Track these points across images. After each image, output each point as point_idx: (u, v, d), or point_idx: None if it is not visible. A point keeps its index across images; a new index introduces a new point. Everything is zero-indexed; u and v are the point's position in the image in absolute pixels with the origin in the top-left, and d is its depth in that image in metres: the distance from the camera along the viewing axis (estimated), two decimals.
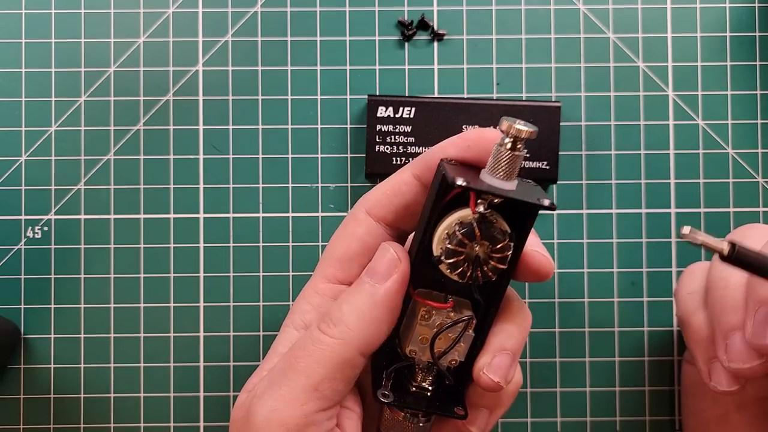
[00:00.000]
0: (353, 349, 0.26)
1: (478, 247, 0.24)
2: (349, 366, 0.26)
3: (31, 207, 0.38)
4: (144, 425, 0.38)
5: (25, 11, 0.38)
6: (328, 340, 0.26)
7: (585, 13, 0.39)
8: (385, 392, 0.27)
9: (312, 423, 0.26)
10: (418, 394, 0.28)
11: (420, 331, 0.26)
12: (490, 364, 0.26)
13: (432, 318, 0.26)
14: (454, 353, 0.27)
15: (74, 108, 0.38)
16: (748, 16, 0.39)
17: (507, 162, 0.24)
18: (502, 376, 0.26)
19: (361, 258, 0.28)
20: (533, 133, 0.24)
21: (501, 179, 0.24)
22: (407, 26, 0.38)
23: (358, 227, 0.28)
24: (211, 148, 0.38)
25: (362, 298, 0.26)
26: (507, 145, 0.24)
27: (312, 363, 0.26)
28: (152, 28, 0.39)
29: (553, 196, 0.38)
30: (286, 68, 0.38)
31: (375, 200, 0.28)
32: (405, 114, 0.37)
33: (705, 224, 0.38)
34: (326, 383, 0.26)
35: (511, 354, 0.26)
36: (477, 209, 0.24)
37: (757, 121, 0.38)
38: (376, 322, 0.26)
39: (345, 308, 0.26)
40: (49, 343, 0.38)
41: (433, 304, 0.26)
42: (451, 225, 0.25)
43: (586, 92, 0.38)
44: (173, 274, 0.38)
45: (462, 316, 0.26)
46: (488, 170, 0.24)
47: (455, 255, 0.25)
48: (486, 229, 0.24)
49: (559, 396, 0.38)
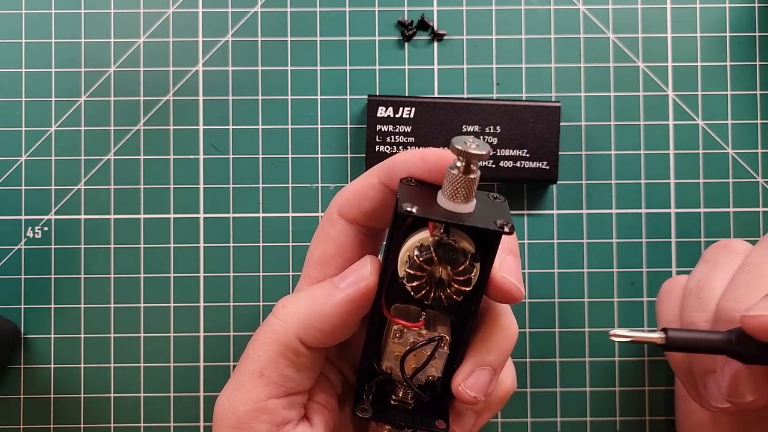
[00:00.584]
0: (292, 334, 0.26)
1: (441, 269, 0.24)
2: (291, 351, 0.26)
3: (31, 207, 0.38)
4: (144, 425, 0.38)
5: (25, 11, 0.38)
6: (273, 322, 0.26)
7: (585, 13, 0.39)
8: (364, 407, 0.27)
9: (263, 410, 0.25)
10: (400, 408, 0.27)
11: (393, 348, 0.26)
12: (468, 380, 0.26)
13: (404, 336, 0.26)
14: (431, 369, 0.26)
15: (74, 108, 0.38)
16: (748, 16, 0.39)
17: (461, 186, 0.23)
18: (480, 391, 0.26)
19: (338, 259, 0.27)
20: (486, 155, 0.22)
21: (458, 203, 0.23)
22: (407, 26, 0.38)
23: (333, 229, 0.27)
24: (211, 148, 0.38)
25: (320, 292, 0.26)
26: (460, 168, 0.23)
27: (257, 347, 0.26)
28: (152, 28, 0.39)
29: (553, 196, 0.38)
30: (286, 68, 0.38)
31: (344, 201, 0.27)
32: (405, 114, 0.37)
33: (705, 224, 0.38)
34: (271, 367, 0.26)
35: (491, 369, 0.26)
36: (435, 233, 0.23)
37: (757, 121, 0.38)
38: (323, 317, 0.26)
39: (300, 295, 0.27)
40: (49, 343, 0.38)
41: (403, 323, 0.25)
42: (411, 248, 0.24)
43: (586, 92, 0.38)
44: (173, 274, 0.38)
45: (433, 336, 0.25)
46: (443, 194, 0.23)
47: (416, 279, 0.24)
48: (445, 252, 0.23)
49: (559, 396, 0.38)
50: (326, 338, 0.26)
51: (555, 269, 0.38)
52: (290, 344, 0.26)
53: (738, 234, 0.38)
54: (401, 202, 0.23)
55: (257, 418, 0.25)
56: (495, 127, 0.37)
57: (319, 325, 0.26)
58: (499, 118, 0.37)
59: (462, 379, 0.26)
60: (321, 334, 0.26)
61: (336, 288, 0.26)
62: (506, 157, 0.37)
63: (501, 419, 0.38)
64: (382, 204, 0.27)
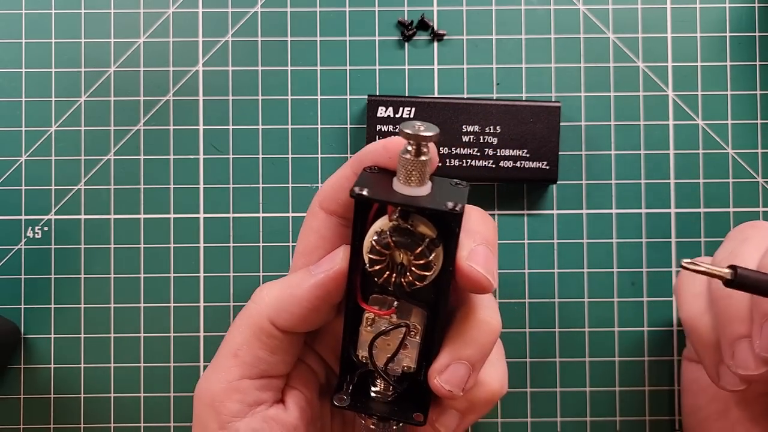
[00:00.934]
0: (264, 316, 0.26)
1: (401, 254, 0.24)
2: (264, 333, 0.26)
3: (31, 207, 0.38)
4: (144, 425, 0.38)
5: (25, 11, 0.38)
6: (250, 306, 0.27)
7: (585, 13, 0.39)
8: (342, 396, 0.27)
9: (236, 390, 0.26)
10: (379, 399, 0.27)
11: (365, 337, 0.26)
12: (443, 373, 0.26)
13: (376, 324, 0.26)
14: (405, 359, 0.26)
15: (74, 108, 0.38)
16: (748, 16, 0.39)
17: (414, 168, 0.23)
18: (456, 386, 0.25)
19: (319, 250, 0.28)
20: (435, 137, 0.23)
21: (412, 186, 0.23)
22: (407, 26, 0.38)
23: (315, 221, 0.28)
24: (211, 148, 0.38)
25: (294, 277, 0.27)
26: (411, 152, 0.23)
27: (233, 329, 0.27)
28: (152, 28, 0.39)
29: (553, 196, 0.38)
30: (286, 68, 0.38)
31: (324, 194, 0.28)
32: (405, 114, 0.37)
33: (705, 224, 0.38)
34: (245, 348, 0.26)
35: (467, 364, 0.26)
36: (392, 218, 0.24)
37: (757, 121, 0.38)
38: (295, 300, 0.26)
39: (276, 282, 0.27)
40: (49, 343, 0.38)
41: (372, 310, 0.26)
42: (371, 234, 0.24)
43: (586, 92, 0.38)
44: (173, 274, 0.38)
45: (399, 323, 0.25)
46: (398, 178, 0.24)
47: (376, 263, 0.24)
48: (401, 237, 0.24)
49: (559, 396, 0.38)
50: (297, 321, 0.26)
51: (555, 269, 0.38)
52: (263, 326, 0.26)
53: None
54: (354, 186, 0.23)
55: (230, 397, 0.26)
56: (495, 127, 0.37)
57: (290, 307, 0.26)
58: (499, 118, 0.37)
59: (437, 371, 0.26)
60: (292, 317, 0.26)
61: (308, 274, 0.27)
62: (506, 157, 0.37)
63: (501, 419, 0.38)
64: None
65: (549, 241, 0.38)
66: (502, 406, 0.38)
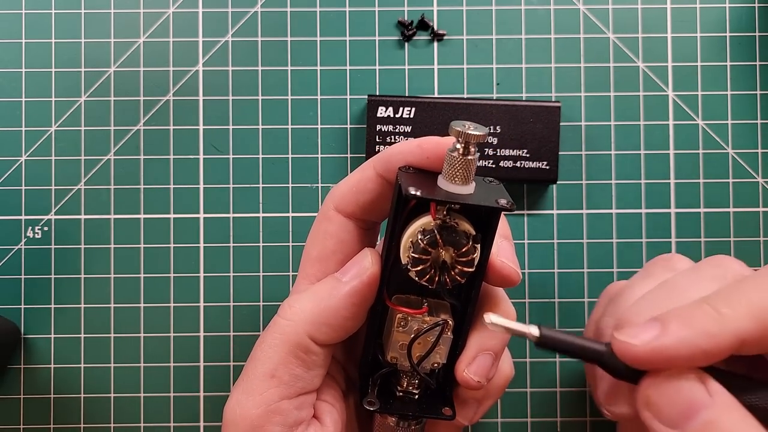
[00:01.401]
0: (302, 332, 0.26)
1: (444, 252, 0.24)
2: (301, 350, 0.26)
3: (31, 207, 0.38)
4: (144, 425, 0.38)
5: (25, 11, 0.38)
6: (281, 323, 0.26)
7: (585, 13, 0.39)
8: (371, 399, 0.27)
9: (276, 412, 0.25)
10: (405, 399, 0.28)
11: (398, 338, 0.26)
12: (471, 365, 0.26)
13: (409, 324, 0.26)
14: (435, 356, 0.27)
15: (74, 108, 0.38)
16: (748, 16, 0.39)
17: (461, 167, 0.24)
18: (483, 376, 0.26)
19: (338, 254, 0.28)
20: (484, 137, 0.23)
21: (458, 184, 0.24)
22: (407, 26, 0.38)
23: (330, 225, 0.28)
24: (211, 148, 0.38)
25: (324, 288, 0.26)
26: (459, 150, 0.24)
27: (266, 349, 0.26)
28: (152, 28, 0.39)
29: (553, 196, 0.38)
30: (286, 68, 0.38)
31: (341, 197, 0.28)
32: (405, 114, 0.37)
33: (705, 224, 0.38)
34: (282, 368, 0.26)
35: (493, 354, 0.27)
36: (437, 216, 0.24)
37: (757, 121, 0.38)
38: (331, 312, 0.26)
39: (304, 295, 0.27)
40: (49, 343, 0.38)
41: (407, 310, 0.26)
42: (414, 233, 0.25)
43: (586, 92, 0.38)
44: (173, 274, 0.38)
45: (437, 321, 0.26)
46: (444, 176, 0.24)
47: (421, 263, 0.24)
48: (448, 234, 0.24)
49: (559, 396, 0.38)
50: (336, 333, 0.26)
51: (555, 269, 0.38)
52: (301, 343, 0.26)
53: (737, 234, 0.38)
54: (405, 186, 0.23)
55: (270, 420, 0.25)
56: (495, 127, 0.37)
57: (329, 320, 0.26)
58: (499, 118, 0.37)
59: (466, 364, 0.26)
60: (331, 329, 0.26)
61: (339, 282, 0.26)
62: (506, 157, 0.37)
63: (501, 419, 0.38)
64: (380, 196, 0.27)
65: (549, 241, 0.38)
66: (502, 406, 0.38)
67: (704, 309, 0.23)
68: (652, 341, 0.23)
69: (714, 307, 0.23)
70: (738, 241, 0.38)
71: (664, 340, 0.22)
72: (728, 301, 0.23)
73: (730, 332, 0.22)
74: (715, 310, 0.23)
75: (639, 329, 0.23)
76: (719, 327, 0.22)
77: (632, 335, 0.23)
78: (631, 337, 0.23)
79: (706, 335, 0.22)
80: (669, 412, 0.22)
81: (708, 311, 0.23)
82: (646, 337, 0.23)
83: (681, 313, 0.23)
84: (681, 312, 0.23)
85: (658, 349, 0.22)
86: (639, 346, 0.23)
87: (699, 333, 0.22)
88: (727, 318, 0.22)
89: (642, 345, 0.23)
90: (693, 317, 0.23)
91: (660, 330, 0.23)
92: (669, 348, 0.22)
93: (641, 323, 0.24)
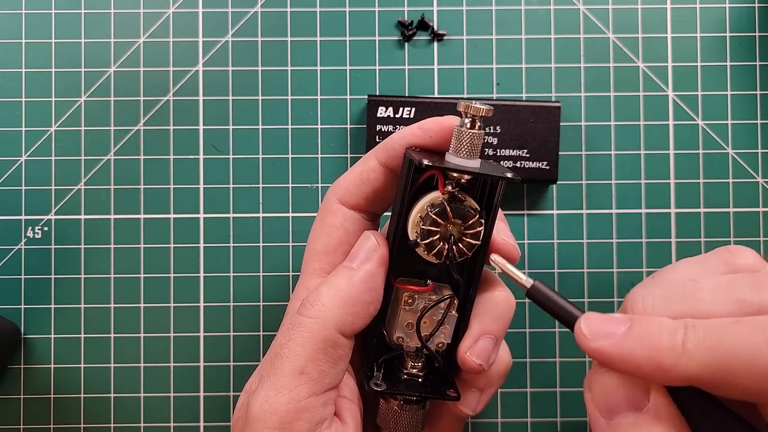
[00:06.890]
0: (331, 327, 0.26)
1: (451, 226, 0.26)
2: (330, 345, 0.26)
3: (31, 207, 0.38)
4: (144, 425, 0.38)
5: (25, 11, 0.38)
6: (307, 321, 0.26)
7: (585, 13, 0.39)
8: (378, 382, 0.28)
9: (304, 409, 0.26)
10: (410, 381, 0.28)
11: (404, 317, 0.27)
12: (473, 347, 0.27)
13: (415, 303, 0.27)
14: (440, 335, 0.27)
15: (74, 108, 0.38)
16: (748, 16, 0.39)
17: (469, 141, 0.26)
18: (485, 359, 0.27)
19: (344, 246, 0.28)
20: (490, 111, 0.25)
21: (465, 158, 0.26)
22: (407, 26, 0.38)
23: (335, 218, 0.28)
24: (211, 148, 0.38)
25: (339, 279, 0.27)
26: (467, 125, 0.26)
27: (294, 347, 0.26)
28: (152, 28, 0.39)
29: (553, 196, 0.38)
30: (286, 68, 0.38)
31: (345, 189, 0.28)
32: (405, 114, 0.37)
33: (705, 224, 0.38)
34: (311, 365, 0.26)
35: (494, 338, 0.27)
36: (446, 189, 0.26)
37: (757, 121, 0.38)
38: (353, 300, 0.26)
39: (323, 290, 0.27)
40: (49, 343, 0.38)
41: (414, 288, 0.27)
42: (423, 208, 0.26)
43: (586, 92, 0.38)
44: (173, 274, 0.38)
45: (443, 296, 0.27)
46: (452, 151, 0.26)
47: (430, 235, 0.26)
48: (456, 207, 0.26)
49: (559, 396, 0.38)
50: (362, 320, 0.27)
51: (555, 269, 0.38)
52: (330, 337, 0.26)
53: (737, 234, 0.38)
54: (418, 158, 0.25)
55: (299, 417, 0.25)
56: (495, 127, 0.37)
57: (352, 308, 0.26)
58: (499, 118, 0.37)
59: (468, 346, 0.27)
60: (357, 318, 0.26)
61: (352, 270, 0.27)
62: (506, 157, 0.37)
63: (501, 419, 0.38)
64: (383, 186, 0.28)
65: (549, 241, 0.38)
66: (502, 406, 0.38)
67: (674, 336, 0.22)
68: (604, 341, 0.23)
69: (683, 339, 0.22)
70: (738, 241, 0.38)
71: (615, 347, 0.22)
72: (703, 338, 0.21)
73: (680, 373, 0.21)
74: (682, 344, 0.21)
75: (604, 322, 0.23)
76: (673, 362, 0.21)
77: (592, 327, 0.23)
78: (590, 327, 0.23)
79: (656, 365, 0.22)
80: (600, 403, 0.23)
81: (675, 341, 0.22)
82: (603, 332, 0.23)
83: (649, 328, 0.22)
84: (650, 327, 0.22)
85: (606, 353, 0.23)
86: (589, 341, 0.23)
87: (651, 358, 0.22)
88: (688, 355, 0.21)
89: (592, 341, 0.23)
90: (657, 339, 0.22)
91: (620, 336, 0.23)
92: (613, 357, 0.22)
93: (612, 316, 0.24)
